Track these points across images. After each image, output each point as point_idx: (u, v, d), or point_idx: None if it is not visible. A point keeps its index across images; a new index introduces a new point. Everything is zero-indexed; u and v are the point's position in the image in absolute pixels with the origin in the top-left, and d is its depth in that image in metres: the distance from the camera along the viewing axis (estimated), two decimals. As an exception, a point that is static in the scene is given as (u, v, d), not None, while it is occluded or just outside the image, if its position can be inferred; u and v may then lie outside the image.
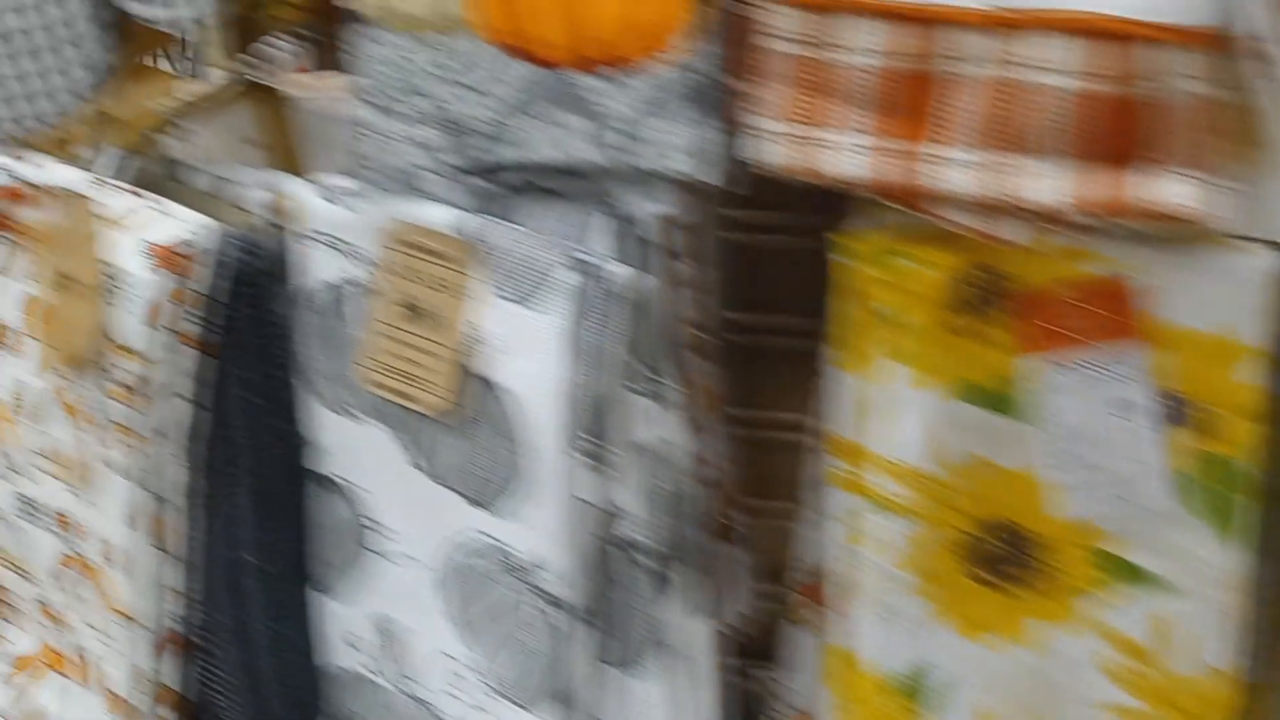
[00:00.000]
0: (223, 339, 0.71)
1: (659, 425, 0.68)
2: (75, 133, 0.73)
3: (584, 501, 0.65)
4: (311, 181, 0.71)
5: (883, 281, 0.61)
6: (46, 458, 0.74)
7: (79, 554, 0.75)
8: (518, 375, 0.64)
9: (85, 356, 0.67)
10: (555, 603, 0.66)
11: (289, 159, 0.87)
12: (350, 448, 0.72)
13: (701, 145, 0.60)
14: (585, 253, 0.63)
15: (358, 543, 0.73)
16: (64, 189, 0.69)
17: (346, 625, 0.75)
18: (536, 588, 0.66)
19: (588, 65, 0.61)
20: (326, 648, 0.76)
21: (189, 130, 0.83)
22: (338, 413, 0.72)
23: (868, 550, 0.65)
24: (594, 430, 0.64)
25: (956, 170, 0.54)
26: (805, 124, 0.57)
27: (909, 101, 0.55)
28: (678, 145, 0.60)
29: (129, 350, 0.67)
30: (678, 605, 0.71)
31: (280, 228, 0.76)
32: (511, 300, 0.64)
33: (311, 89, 0.88)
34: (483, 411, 0.66)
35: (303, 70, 0.94)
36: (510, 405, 0.65)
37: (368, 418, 0.70)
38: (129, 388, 0.67)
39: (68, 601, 0.78)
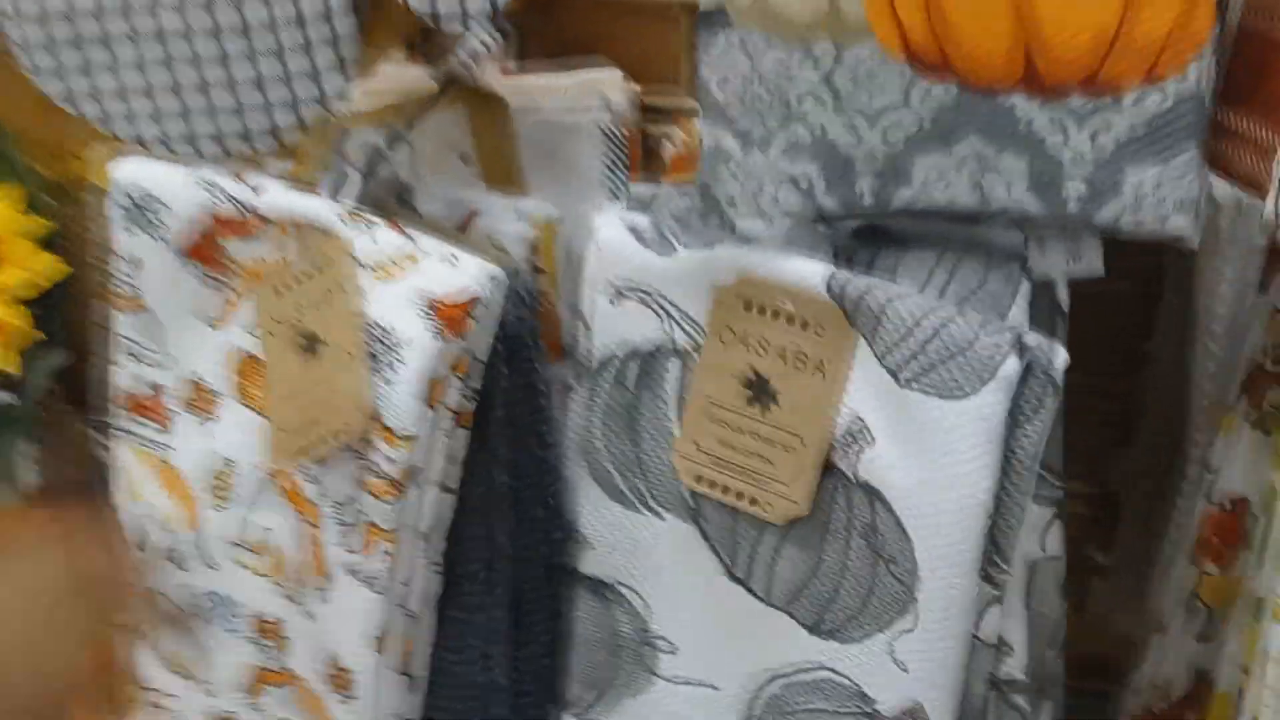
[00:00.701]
0: (483, 413, 0.57)
1: (1048, 538, 0.55)
2: (305, 148, 0.57)
3: (978, 638, 0.52)
4: (608, 215, 0.57)
5: None
6: (251, 551, 0.59)
7: (285, 670, 0.61)
8: (915, 482, 0.50)
9: (338, 444, 0.53)
10: (927, 760, 0.53)
11: (509, 178, 0.72)
12: (641, 549, 0.58)
13: (1199, 200, 0.47)
14: (1022, 331, 0.49)
15: (640, 664, 0.59)
16: (307, 221, 0.54)
17: (615, 761, 0.61)
18: (905, 741, 0.53)
19: (1048, 92, 0.47)
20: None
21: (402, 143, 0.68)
22: (628, 507, 0.58)
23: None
24: (999, 552, 0.51)
25: None
26: (1363, 180, 0.44)
27: None
28: (1172, 200, 0.46)
29: (397, 435, 0.52)
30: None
31: (540, 270, 0.62)
32: (914, 386, 0.50)
33: (533, 93, 0.73)
34: (852, 523, 0.52)
35: (507, 71, 0.79)
36: (898, 517, 0.51)
37: (674, 516, 0.56)
38: (393, 481, 0.53)
39: (259, 722, 0.63)
